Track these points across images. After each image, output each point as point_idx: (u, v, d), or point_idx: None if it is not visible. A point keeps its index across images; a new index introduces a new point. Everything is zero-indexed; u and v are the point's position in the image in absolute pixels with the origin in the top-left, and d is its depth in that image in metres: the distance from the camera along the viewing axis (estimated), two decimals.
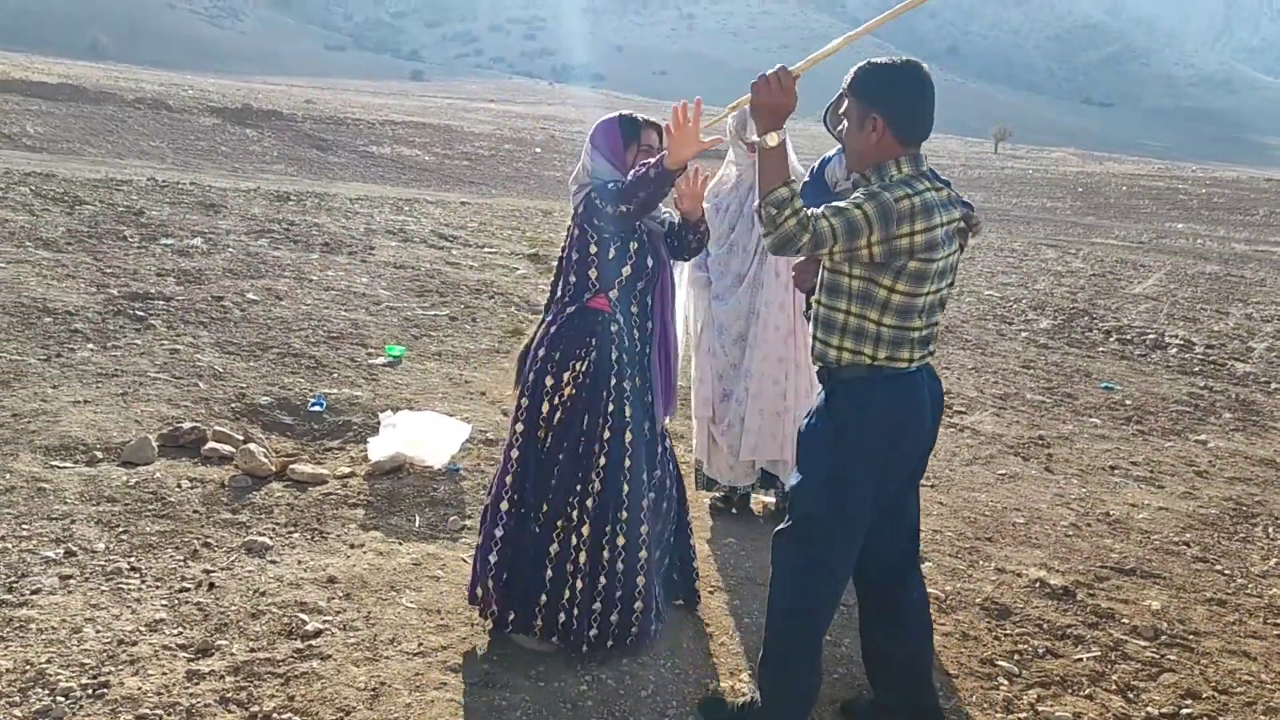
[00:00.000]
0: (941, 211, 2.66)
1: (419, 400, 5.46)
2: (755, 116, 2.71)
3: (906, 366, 2.72)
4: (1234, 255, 20.39)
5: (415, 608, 3.43)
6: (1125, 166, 54.03)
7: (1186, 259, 18.26)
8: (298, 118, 31.37)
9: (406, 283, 8.03)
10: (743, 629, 3.57)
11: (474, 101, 77.16)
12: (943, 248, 2.67)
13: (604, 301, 3.30)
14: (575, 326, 3.28)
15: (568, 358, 3.25)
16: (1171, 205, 32.99)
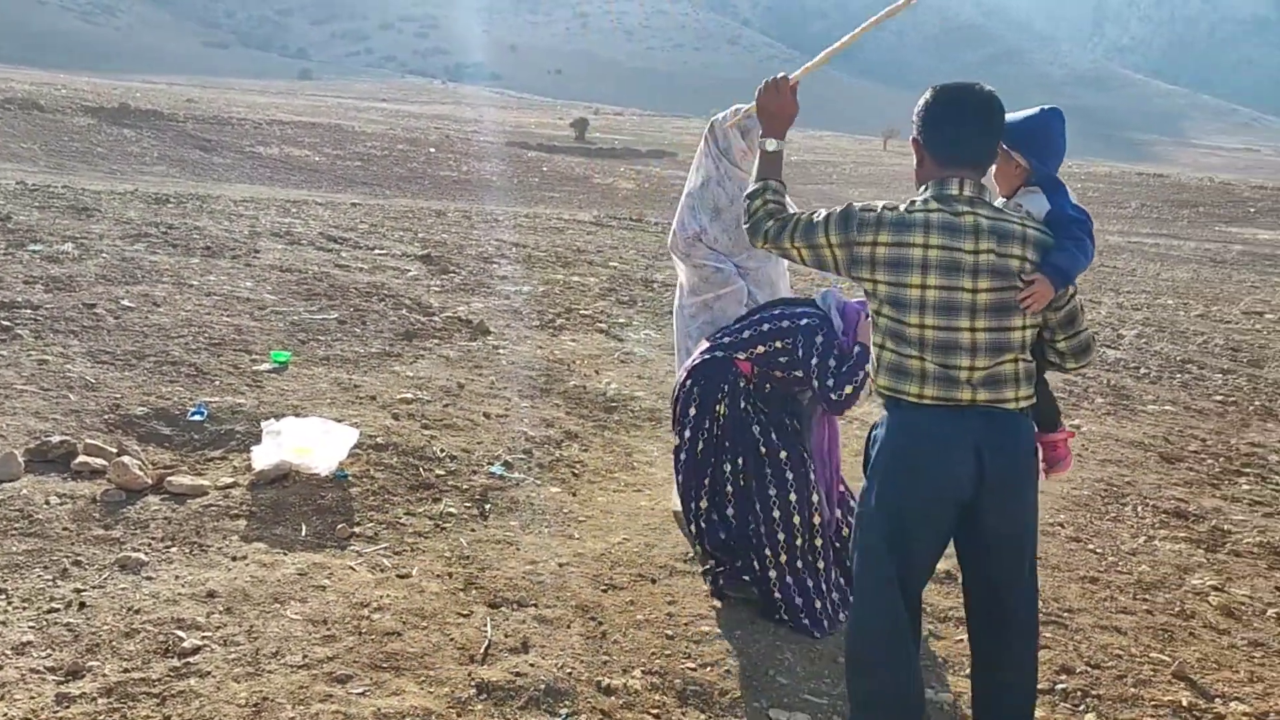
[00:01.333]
0: (935, 233, 2.58)
1: (306, 406, 5.33)
2: (760, 120, 2.99)
3: (916, 400, 2.65)
4: (1108, 247, 21.26)
5: (300, 619, 3.35)
6: None
7: None
8: (179, 117, 30.34)
9: (293, 286, 7.83)
10: (635, 625, 3.58)
11: (365, 101, 75.78)
12: (923, 273, 2.58)
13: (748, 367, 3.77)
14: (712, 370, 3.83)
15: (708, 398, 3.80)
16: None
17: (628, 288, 9.73)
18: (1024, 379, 2.67)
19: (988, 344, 2.61)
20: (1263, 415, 7.49)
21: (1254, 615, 4.17)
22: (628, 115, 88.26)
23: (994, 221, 2.62)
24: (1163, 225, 30.09)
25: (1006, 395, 2.64)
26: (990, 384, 2.62)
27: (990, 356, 2.62)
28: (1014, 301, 2.60)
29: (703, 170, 4.41)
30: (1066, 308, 2.72)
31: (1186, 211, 34.48)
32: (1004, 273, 2.59)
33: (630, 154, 47.24)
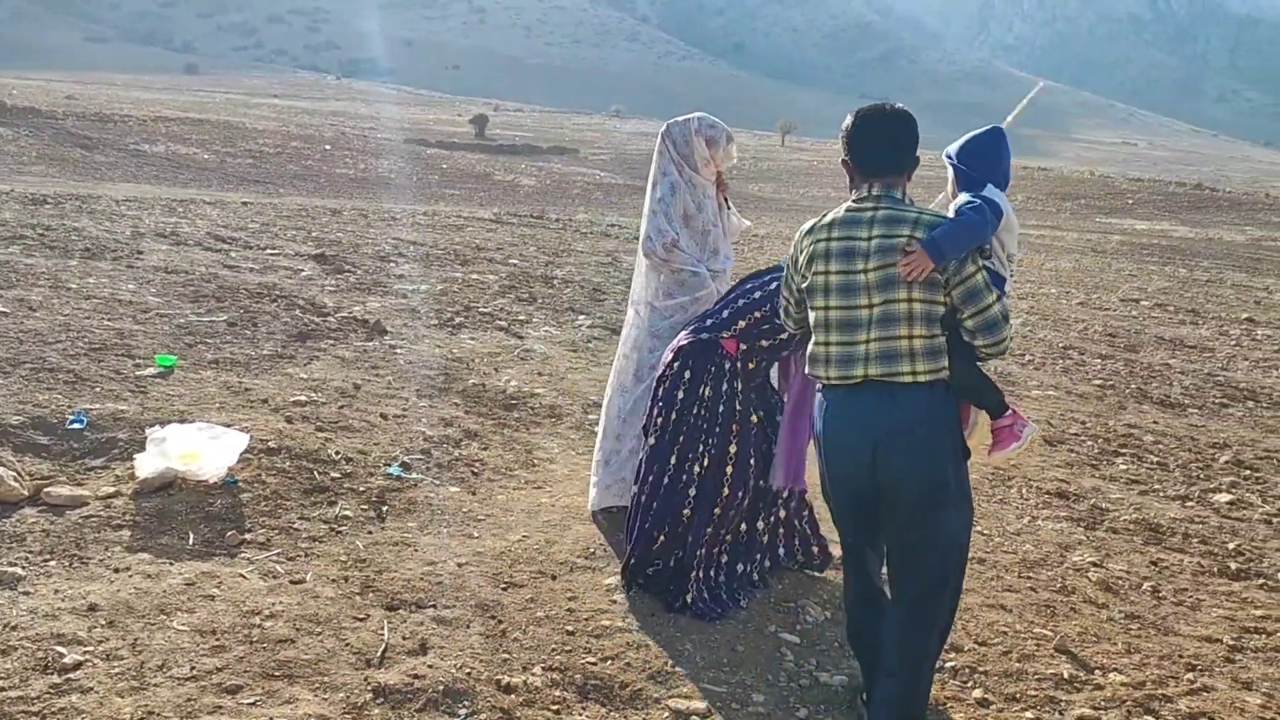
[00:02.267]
0: (838, 228, 2.95)
1: (193, 412, 5.17)
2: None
3: (825, 382, 2.97)
4: None
5: (187, 630, 3.25)
6: None
7: None
8: (58, 115, 29.16)
9: (179, 288, 7.59)
10: (535, 621, 3.58)
11: (256, 97, 73.78)
12: (827, 260, 2.93)
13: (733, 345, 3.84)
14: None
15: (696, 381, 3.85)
16: (940, 192, 35.12)
17: (527, 285, 9.69)
18: (921, 354, 2.82)
19: (879, 317, 2.84)
20: (1138, 398, 7.83)
21: (1130, 589, 4.36)
22: (528, 112, 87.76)
23: (890, 212, 2.90)
24: (1047, 217, 31.18)
25: (901, 369, 2.81)
26: (883, 358, 2.82)
27: (882, 329, 2.83)
28: (898, 276, 2.81)
29: (669, 177, 4.41)
30: (965, 284, 2.83)
31: (1069, 204, 35.85)
32: (889, 250, 2.83)
33: (531, 151, 46.99)
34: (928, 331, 2.83)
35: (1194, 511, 5.40)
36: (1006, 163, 3.12)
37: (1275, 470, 6.25)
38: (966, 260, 2.81)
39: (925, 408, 2.83)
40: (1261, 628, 4.07)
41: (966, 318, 2.85)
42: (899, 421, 2.82)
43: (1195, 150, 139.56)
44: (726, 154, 4.37)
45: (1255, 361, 9.68)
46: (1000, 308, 2.86)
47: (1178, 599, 4.30)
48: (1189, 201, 37.54)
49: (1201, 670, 3.69)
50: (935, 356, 2.83)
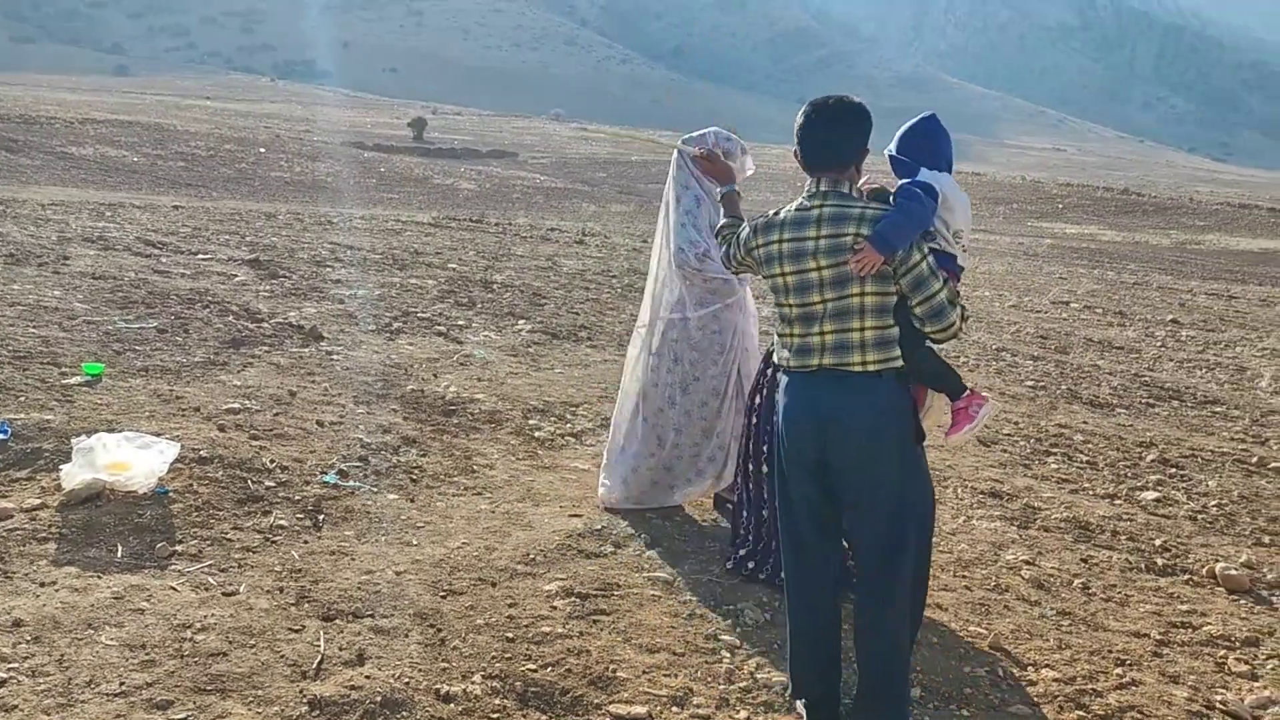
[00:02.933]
0: (788, 230, 3.04)
1: (122, 421, 5.05)
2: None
3: (785, 366, 3.12)
4: None
5: (116, 645, 3.18)
6: None
7: None
8: None
9: (107, 294, 7.41)
10: (475, 629, 3.55)
11: (188, 99, 72.32)
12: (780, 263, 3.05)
13: None
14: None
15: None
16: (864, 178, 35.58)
17: (467, 289, 9.63)
18: (872, 345, 2.95)
19: (833, 311, 2.97)
20: (1068, 398, 8.01)
21: (1062, 587, 4.45)
22: (467, 115, 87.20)
23: (836, 209, 2.98)
24: (980, 221, 31.71)
25: (851, 359, 2.95)
26: (837, 349, 2.97)
27: (836, 322, 2.97)
28: (850, 273, 2.91)
29: (691, 190, 4.68)
30: (912, 273, 2.91)
31: (1002, 208, 36.53)
32: (839, 249, 2.93)
33: (470, 154, 46.74)
34: (879, 323, 2.96)
35: (1122, 509, 5.53)
36: (945, 146, 3.19)
37: (1199, 468, 6.43)
38: (912, 249, 2.90)
39: (873, 394, 2.96)
40: (1187, 622, 4.18)
41: (914, 305, 2.95)
42: (848, 406, 2.97)
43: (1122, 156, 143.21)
44: (742, 166, 4.53)
45: (1179, 362, 9.95)
46: (946, 294, 2.93)
47: (1107, 595, 4.40)
48: (1116, 206, 38.49)
49: (1130, 665, 3.77)
50: (885, 346, 2.96)
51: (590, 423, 6.07)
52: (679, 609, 3.88)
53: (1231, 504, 5.77)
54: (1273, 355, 10.82)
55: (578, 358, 7.61)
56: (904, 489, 3.03)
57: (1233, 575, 4.61)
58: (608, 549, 4.34)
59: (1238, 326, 12.69)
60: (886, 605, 3.05)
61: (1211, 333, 12.03)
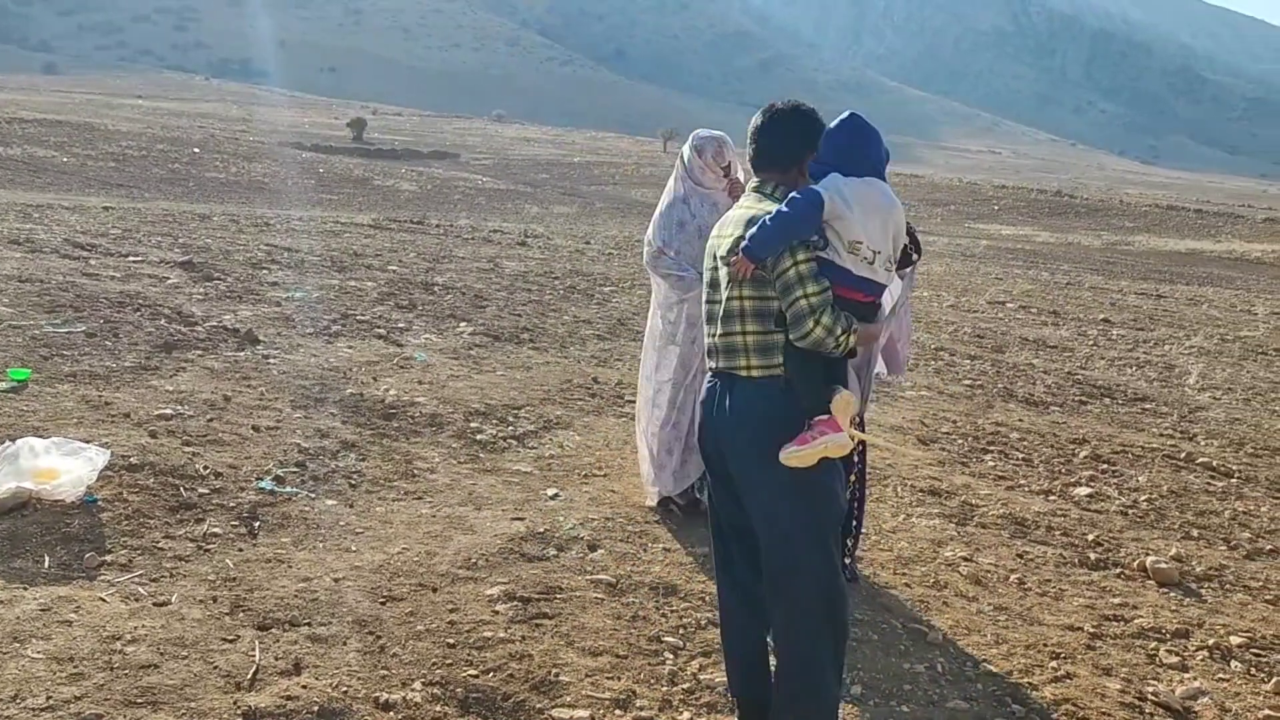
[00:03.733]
0: (731, 226, 2.97)
1: (49, 428, 4.91)
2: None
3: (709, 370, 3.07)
4: None
5: (43, 658, 3.08)
6: None
7: None
8: None
9: (34, 298, 7.21)
10: (415, 636, 3.51)
11: (118, 97, 70.73)
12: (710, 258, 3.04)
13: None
14: None
15: None
16: None
17: (407, 291, 9.52)
18: (754, 350, 2.88)
19: (723, 313, 2.96)
20: (1005, 397, 8.15)
21: (998, 582, 4.52)
22: (407, 115, 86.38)
23: (749, 211, 2.95)
24: (919, 223, 32.16)
25: (738, 363, 2.91)
26: (726, 352, 2.95)
27: (724, 325, 2.95)
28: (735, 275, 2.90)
29: (673, 191, 4.88)
30: (781, 277, 2.82)
31: (940, 210, 37.15)
32: (734, 250, 2.90)
33: (411, 155, 46.37)
34: (760, 328, 2.87)
35: (1056, 505, 5.64)
36: (870, 149, 2.95)
37: (1130, 464, 6.57)
38: (784, 255, 2.79)
39: (755, 402, 2.88)
40: (1119, 615, 4.27)
41: (782, 309, 2.85)
42: (734, 413, 2.92)
43: (1055, 158, 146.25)
44: (718, 156, 4.75)
45: (1111, 360, 10.18)
46: (809, 302, 2.77)
47: (1042, 590, 4.47)
48: (1050, 208, 39.35)
49: (1065, 658, 3.84)
50: (768, 353, 2.86)
51: (533, 425, 6.03)
52: (622, 611, 3.87)
53: (1161, 499, 5.92)
54: (1200, 353, 11.12)
55: (520, 359, 7.57)
56: (788, 505, 2.86)
57: (1162, 568, 4.72)
58: (550, 552, 4.32)
59: (1166, 325, 13.02)
60: (791, 620, 2.92)
61: (1141, 331, 12.33)
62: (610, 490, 5.13)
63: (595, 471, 5.39)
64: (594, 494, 5.05)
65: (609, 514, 4.79)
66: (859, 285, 2.87)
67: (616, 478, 5.33)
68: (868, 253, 2.85)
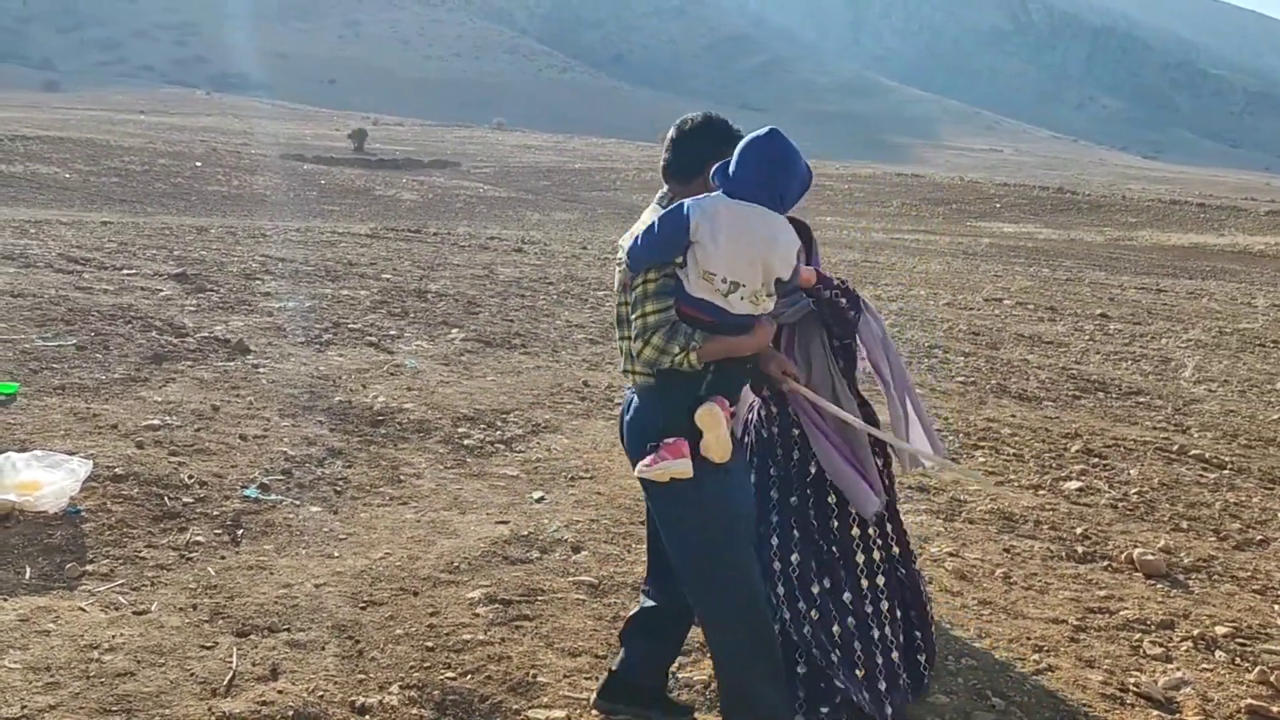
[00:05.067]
0: (627, 236, 2.96)
1: (36, 440, 4.93)
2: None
3: None
4: (874, 243, 22.59)
5: (20, 667, 3.09)
6: None
7: (832, 248, 20.00)
8: None
9: (25, 312, 7.23)
10: (394, 639, 3.51)
11: (121, 113, 70.92)
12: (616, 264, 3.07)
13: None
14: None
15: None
16: (820, 200, 36.01)
17: (400, 299, 9.54)
18: (633, 356, 2.86)
19: (616, 318, 3.02)
20: (998, 393, 8.13)
21: (984, 576, 4.51)
22: (408, 125, 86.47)
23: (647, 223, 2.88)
24: (921, 221, 32.22)
25: (627, 368, 2.95)
26: (623, 355, 2.98)
27: (617, 330, 3.02)
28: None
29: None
30: (634, 291, 2.83)
31: (942, 209, 37.10)
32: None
33: (412, 165, 46.40)
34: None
35: (1045, 499, 5.63)
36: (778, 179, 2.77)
37: (1121, 457, 6.56)
38: (643, 271, 2.80)
39: (637, 409, 2.94)
40: (1105, 607, 4.26)
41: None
42: (625, 418, 3.00)
43: (1057, 155, 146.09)
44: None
45: (1106, 355, 10.15)
46: (644, 321, 2.77)
47: (1027, 584, 4.46)
48: (1052, 205, 39.27)
49: (1047, 651, 3.83)
50: (638, 360, 2.85)
51: (521, 429, 6.04)
52: (603, 612, 3.87)
53: (1152, 491, 5.90)
54: (1196, 346, 11.09)
55: (511, 365, 7.57)
56: (678, 511, 2.87)
57: (1150, 560, 4.71)
58: (534, 554, 4.32)
59: (1164, 319, 12.99)
60: (711, 630, 2.98)
61: (1139, 325, 12.31)
62: (596, 492, 5.13)
63: (582, 474, 5.39)
64: (580, 496, 5.06)
65: (594, 516, 4.79)
66: (699, 306, 2.77)
67: (603, 480, 5.33)
68: (720, 284, 2.74)
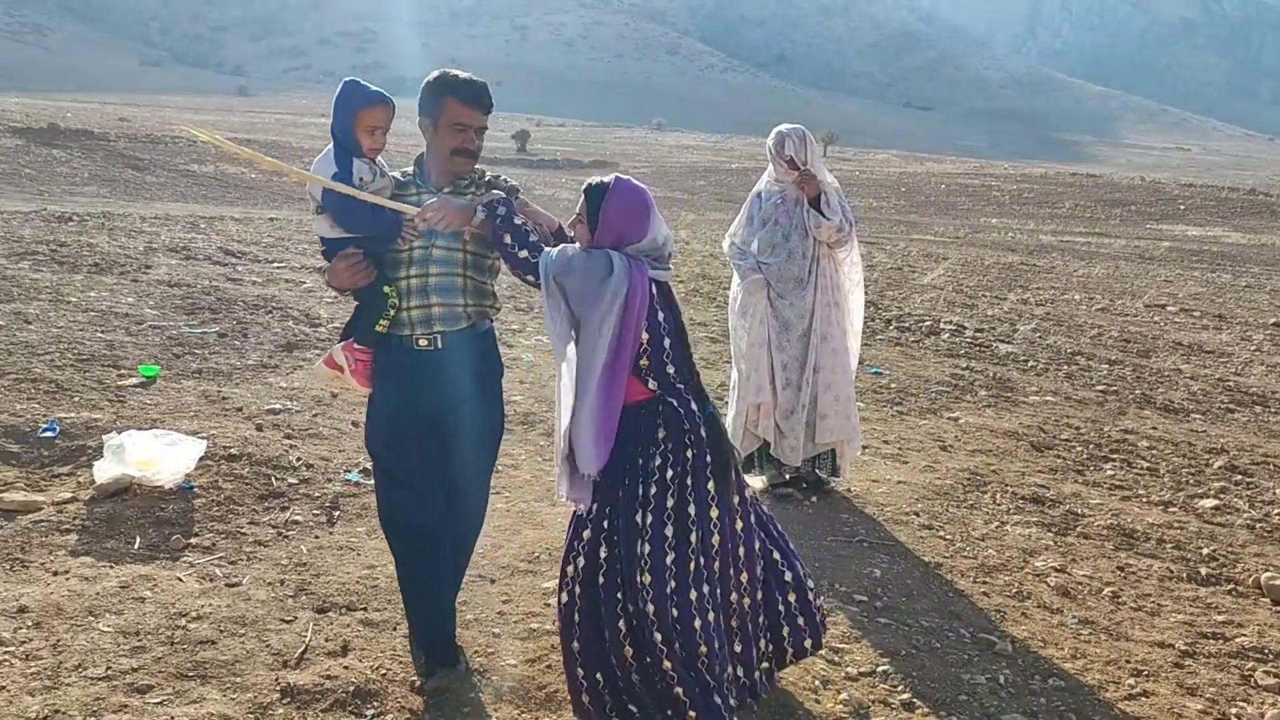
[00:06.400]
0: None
1: (166, 420, 5.25)
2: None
3: None
4: (1039, 246, 21.65)
5: (111, 631, 3.30)
6: (944, 166, 56.75)
7: (991, 250, 19.29)
8: (110, 136, 29.84)
9: (177, 301, 7.73)
10: (464, 624, 3.57)
11: (304, 117, 74.97)
12: None
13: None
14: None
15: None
16: (986, 201, 34.84)
17: (528, 294, 9.71)
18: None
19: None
20: (1141, 403, 7.66)
21: (1090, 595, 4.26)
22: (569, 126, 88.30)
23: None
24: (1095, 224, 30.68)
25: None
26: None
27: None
28: None
29: (755, 186, 5.21)
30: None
31: (1119, 210, 35.22)
32: None
33: (572, 165, 47.28)
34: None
35: (1175, 517, 5.27)
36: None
37: (1269, 475, 6.08)
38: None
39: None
40: (1220, 633, 3.96)
41: None
42: None
43: (1250, 154, 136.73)
44: (780, 149, 4.93)
45: (1271, 366, 9.43)
46: None
47: (1137, 605, 4.19)
48: (1243, 207, 36.74)
49: (1146, 676, 3.59)
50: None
51: None
52: None
53: None
54: None
55: None
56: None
57: (1279, 585, 4.35)
58: None
59: None
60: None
61: None
62: None
63: None
64: None
65: None
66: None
67: None
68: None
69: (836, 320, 5.04)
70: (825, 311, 4.99)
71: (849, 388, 5.10)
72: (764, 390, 4.99)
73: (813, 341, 4.99)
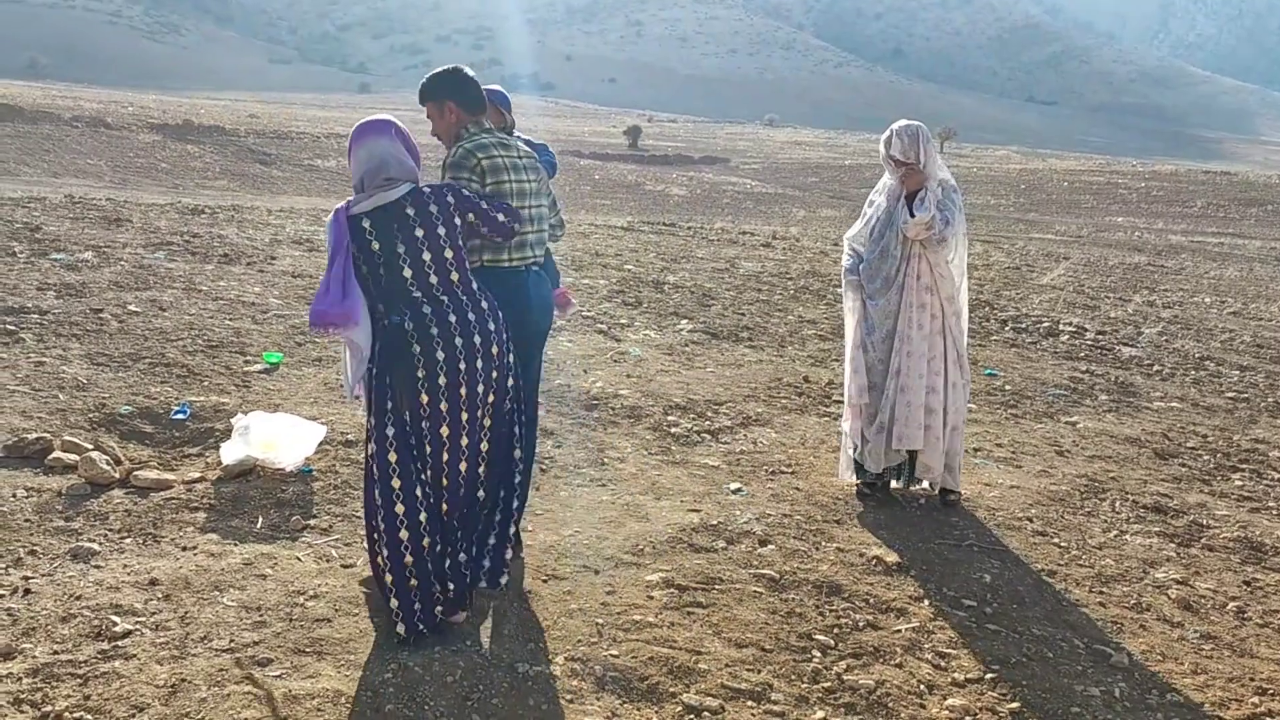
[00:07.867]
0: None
1: (288, 405, 5.46)
2: None
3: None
4: (1168, 246, 20.80)
5: (235, 606, 3.45)
6: (1067, 163, 54.92)
7: (1116, 250, 18.62)
8: (240, 132, 31.09)
9: (300, 290, 8.01)
10: (568, 613, 3.63)
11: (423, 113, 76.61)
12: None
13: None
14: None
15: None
16: (1112, 200, 33.61)
17: (636, 289, 9.78)
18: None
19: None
20: (1274, 412, 7.30)
21: (1213, 609, 4.09)
22: (681, 122, 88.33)
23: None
24: (1229, 224, 29.30)
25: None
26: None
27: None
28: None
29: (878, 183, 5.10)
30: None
31: (1255, 210, 33.55)
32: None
33: (683, 161, 47.30)
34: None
35: None
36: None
37: None
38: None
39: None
40: None
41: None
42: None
43: None
44: (889, 146, 4.79)
45: None
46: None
47: (1264, 620, 4.00)
48: None
49: (1271, 694, 3.43)
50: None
51: (730, 421, 6.05)
52: (778, 606, 3.83)
53: None
54: None
55: (733, 357, 7.60)
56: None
57: None
58: (719, 544, 4.33)
59: None
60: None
61: None
62: (795, 488, 5.06)
63: (784, 468, 5.34)
64: (777, 490, 5.01)
65: (787, 511, 4.73)
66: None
67: (804, 475, 5.26)
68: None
69: (920, 323, 4.82)
70: (908, 314, 4.81)
71: (925, 396, 4.81)
72: (864, 393, 4.89)
73: (895, 345, 4.83)
